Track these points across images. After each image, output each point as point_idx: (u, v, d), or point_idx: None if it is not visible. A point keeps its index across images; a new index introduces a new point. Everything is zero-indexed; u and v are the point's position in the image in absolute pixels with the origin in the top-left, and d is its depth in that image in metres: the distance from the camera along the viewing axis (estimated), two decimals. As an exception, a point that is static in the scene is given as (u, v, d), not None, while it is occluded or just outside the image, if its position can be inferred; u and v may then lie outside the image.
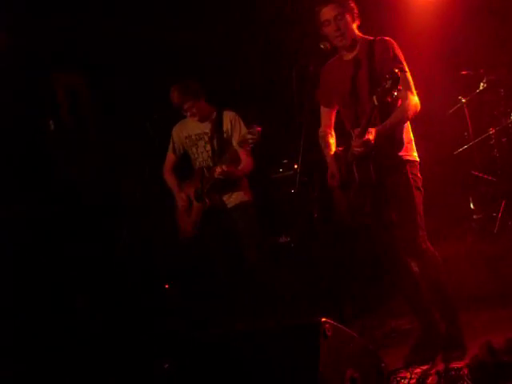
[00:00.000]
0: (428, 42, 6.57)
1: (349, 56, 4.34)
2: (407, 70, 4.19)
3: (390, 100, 3.92)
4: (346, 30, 4.22)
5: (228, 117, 5.43)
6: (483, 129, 6.73)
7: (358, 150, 4.05)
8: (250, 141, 5.06)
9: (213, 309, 5.56)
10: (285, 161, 7.08)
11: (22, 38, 5.64)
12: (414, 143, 4.36)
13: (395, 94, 3.83)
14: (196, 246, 5.63)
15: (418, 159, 4.35)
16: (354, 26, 4.28)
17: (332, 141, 4.58)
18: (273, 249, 6.77)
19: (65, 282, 5.24)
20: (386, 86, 3.80)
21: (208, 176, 5.36)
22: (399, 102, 4.16)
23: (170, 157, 5.72)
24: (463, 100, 6.80)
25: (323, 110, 4.65)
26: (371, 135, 4.00)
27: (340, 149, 4.43)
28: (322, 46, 4.25)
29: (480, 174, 6.84)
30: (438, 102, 6.72)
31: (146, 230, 6.08)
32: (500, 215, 6.30)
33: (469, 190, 6.86)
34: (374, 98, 3.89)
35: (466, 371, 3.84)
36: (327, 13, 4.20)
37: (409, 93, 4.13)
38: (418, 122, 4.39)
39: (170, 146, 5.68)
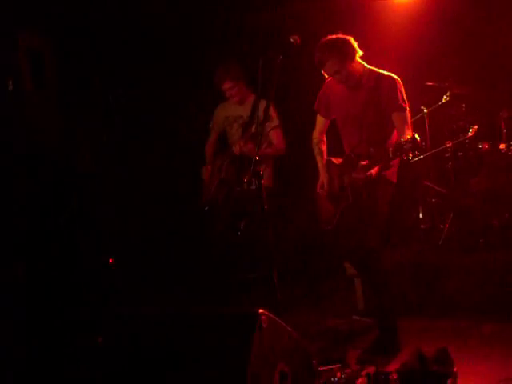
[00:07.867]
0: (396, 49, 6.58)
1: (356, 84, 4.61)
2: (408, 107, 4.50)
3: (404, 157, 4.13)
4: (348, 77, 4.54)
5: (263, 105, 5.51)
6: (441, 141, 6.80)
7: (358, 180, 4.40)
8: None
9: (152, 288, 5.55)
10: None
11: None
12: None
13: (410, 156, 4.06)
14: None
15: (395, 180, 4.71)
16: (355, 62, 4.54)
17: (324, 147, 4.97)
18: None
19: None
20: (405, 146, 4.01)
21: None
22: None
23: (212, 134, 6.12)
24: (425, 110, 6.85)
25: (320, 118, 4.94)
26: (374, 171, 4.40)
27: (334, 161, 4.77)
28: (291, 40, 4.20)
29: (432, 185, 6.92)
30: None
31: (96, 200, 6.00)
32: (446, 227, 6.39)
33: (419, 200, 6.93)
34: (391, 150, 4.14)
35: (395, 376, 3.92)
36: (327, 71, 4.56)
37: (407, 131, 4.35)
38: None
39: (211, 124, 6.08)
